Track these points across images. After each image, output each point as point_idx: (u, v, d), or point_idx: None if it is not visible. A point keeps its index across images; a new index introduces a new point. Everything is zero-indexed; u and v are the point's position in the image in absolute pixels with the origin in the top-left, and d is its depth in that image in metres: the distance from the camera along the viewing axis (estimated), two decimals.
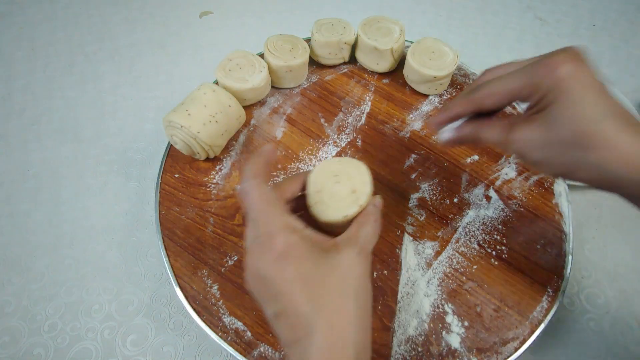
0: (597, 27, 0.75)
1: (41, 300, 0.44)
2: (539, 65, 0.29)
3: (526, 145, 0.30)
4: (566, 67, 0.28)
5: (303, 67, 0.51)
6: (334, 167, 0.35)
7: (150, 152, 0.55)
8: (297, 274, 0.25)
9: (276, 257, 0.26)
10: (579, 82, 0.28)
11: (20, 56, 0.66)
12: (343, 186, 0.33)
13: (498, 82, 0.31)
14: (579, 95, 0.27)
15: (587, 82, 0.28)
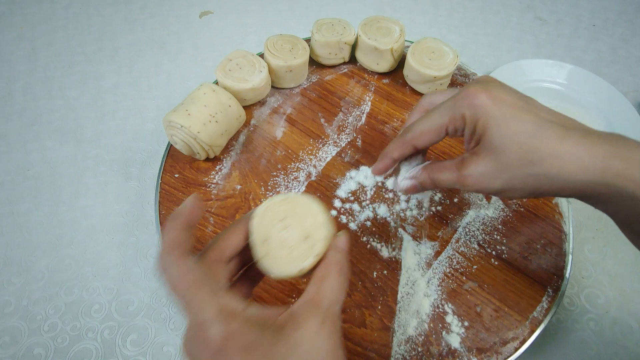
0: (597, 27, 0.75)
1: (41, 300, 0.44)
2: (458, 99, 0.30)
3: (481, 179, 0.30)
4: (483, 95, 0.29)
5: (303, 67, 0.51)
6: (279, 209, 0.29)
7: (150, 152, 0.55)
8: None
9: (213, 353, 0.21)
10: (500, 105, 0.28)
11: (20, 56, 0.66)
12: (293, 231, 0.28)
13: (426, 121, 0.32)
14: (505, 117, 0.28)
15: (509, 102, 0.28)
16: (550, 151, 0.27)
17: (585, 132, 0.28)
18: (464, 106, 0.29)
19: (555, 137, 0.27)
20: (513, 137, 0.28)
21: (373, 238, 0.41)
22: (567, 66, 0.64)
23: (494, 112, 0.28)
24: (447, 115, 0.31)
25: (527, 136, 0.27)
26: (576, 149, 0.27)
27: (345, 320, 0.37)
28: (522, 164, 0.28)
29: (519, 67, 0.64)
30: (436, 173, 0.32)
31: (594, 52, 0.71)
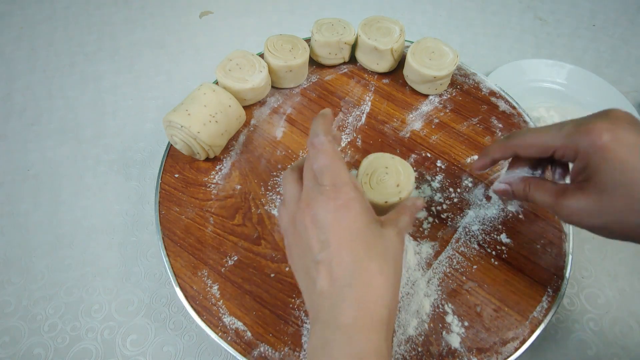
0: (597, 27, 0.75)
1: (41, 300, 0.44)
2: (580, 131, 0.29)
3: (579, 214, 0.30)
4: (607, 135, 0.28)
5: (303, 67, 0.51)
6: (387, 161, 0.41)
7: (150, 152, 0.55)
8: (352, 227, 0.27)
9: (339, 206, 0.27)
10: (622, 149, 0.27)
11: (20, 56, 0.66)
12: (390, 178, 0.40)
13: (535, 134, 0.32)
14: (625, 163, 0.27)
15: (632, 148, 0.27)
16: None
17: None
18: (583, 141, 0.29)
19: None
20: (628, 187, 0.27)
21: None
22: (567, 66, 0.64)
23: (613, 157, 0.27)
24: (561, 141, 0.30)
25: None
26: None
27: None
28: (630, 212, 0.27)
29: (519, 67, 0.64)
30: (533, 189, 0.33)
31: (594, 52, 0.71)
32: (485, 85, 0.54)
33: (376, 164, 0.40)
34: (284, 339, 0.36)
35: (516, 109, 0.52)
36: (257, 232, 0.42)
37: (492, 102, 0.53)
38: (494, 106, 0.52)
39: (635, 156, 0.27)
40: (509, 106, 0.52)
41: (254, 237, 0.41)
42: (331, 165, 0.28)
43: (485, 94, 0.54)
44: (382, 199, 0.38)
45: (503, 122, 0.51)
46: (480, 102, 0.53)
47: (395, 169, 0.40)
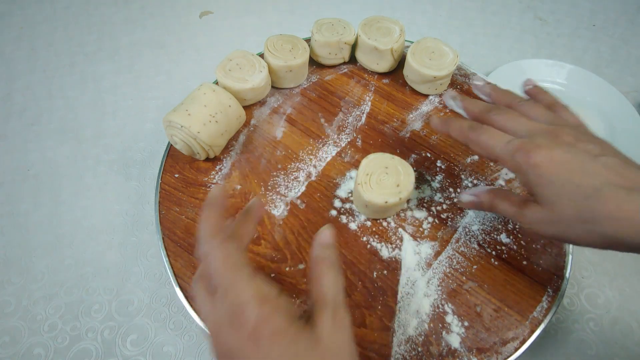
0: (597, 27, 0.75)
1: (41, 300, 0.44)
2: (519, 150, 0.31)
3: (537, 223, 0.31)
4: (541, 154, 0.30)
5: (303, 67, 0.51)
6: (386, 161, 0.41)
7: (150, 152, 0.55)
8: (274, 356, 0.23)
9: (249, 334, 0.23)
10: (557, 167, 0.29)
11: (20, 56, 0.66)
12: (390, 178, 0.40)
13: (489, 137, 0.33)
14: (560, 179, 0.29)
15: (567, 165, 0.29)
16: (607, 214, 0.27)
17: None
18: (521, 159, 0.30)
19: (614, 201, 0.27)
20: (568, 198, 0.29)
21: (373, 238, 0.41)
22: (567, 66, 0.64)
23: (548, 174, 0.29)
24: (504, 154, 0.32)
25: (582, 198, 0.28)
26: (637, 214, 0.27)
27: None
28: (578, 221, 0.29)
29: (519, 67, 0.64)
30: (499, 200, 0.34)
31: (594, 52, 0.71)
32: None
33: (376, 164, 0.41)
34: None
35: None
36: (257, 232, 0.42)
37: None
38: None
39: (569, 172, 0.29)
40: None
41: (254, 237, 0.41)
42: (227, 280, 0.24)
43: None
44: (382, 199, 0.39)
45: None
46: None
47: (395, 169, 0.40)
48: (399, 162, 0.41)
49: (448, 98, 0.39)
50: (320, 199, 0.44)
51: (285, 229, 0.42)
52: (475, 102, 0.37)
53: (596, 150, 0.30)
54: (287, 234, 0.42)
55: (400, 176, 0.40)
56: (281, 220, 0.42)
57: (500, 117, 0.34)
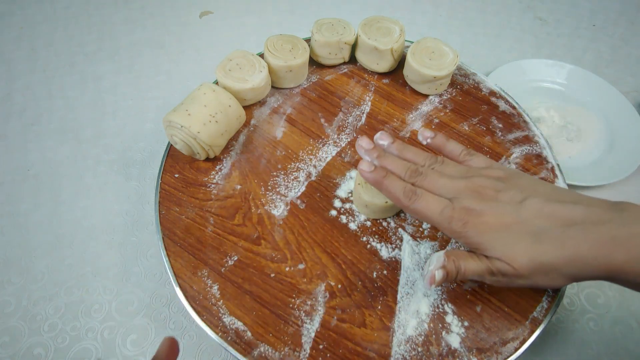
0: (597, 27, 0.75)
1: (41, 300, 0.44)
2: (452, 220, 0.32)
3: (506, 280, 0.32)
4: (474, 221, 0.32)
5: (303, 67, 0.51)
6: None
7: (150, 152, 0.55)
8: None
9: None
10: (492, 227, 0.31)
11: (20, 56, 0.66)
12: None
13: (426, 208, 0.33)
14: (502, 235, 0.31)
15: (499, 222, 0.31)
16: (555, 256, 0.30)
17: (585, 226, 0.30)
18: (458, 228, 0.32)
19: (554, 242, 0.30)
20: (517, 250, 0.31)
21: (373, 238, 0.41)
22: (567, 66, 0.64)
23: (489, 236, 0.31)
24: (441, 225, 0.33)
25: (529, 245, 0.30)
26: (577, 250, 0.29)
27: (345, 320, 0.37)
28: (536, 269, 0.31)
29: (519, 67, 0.64)
30: (463, 262, 0.33)
31: (594, 52, 0.71)
32: (485, 85, 0.55)
33: None
34: (284, 339, 0.36)
35: (516, 109, 0.52)
36: (257, 232, 0.42)
37: (492, 102, 0.53)
38: (494, 106, 0.53)
39: (502, 229, 0.31)
40: (509, 106, 0.52)
41: (254, 237, 0.41)
42: None
43: (486, 94, 0.54)
44: (382, 199, 0.39)
45: (503, 122, 0.51)
46: (480, 102, 0.53)
47: None
48: None
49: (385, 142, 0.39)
50: (320, 199, 0.44)
51: (285, 229, 0.42)
52: (398, 164, 0.36)
53: (517, 196, 0.32)
54: (287, 234, 0.42)
55: None
56: (281, 220, 0.42)
57: (426, 181, 0.35)
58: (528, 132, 0.50)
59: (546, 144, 0.49)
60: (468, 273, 0.33)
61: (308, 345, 0.36)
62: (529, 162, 0.48)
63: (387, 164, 0.36)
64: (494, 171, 0.35)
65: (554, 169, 0.47)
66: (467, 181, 0.34)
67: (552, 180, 0.46)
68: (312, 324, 0.37)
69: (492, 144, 0.49)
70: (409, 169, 0.35)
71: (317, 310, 0.37)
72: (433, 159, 0.36)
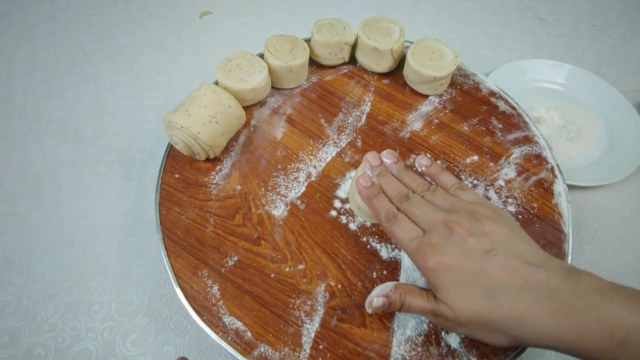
0: (597, 27, 0.75)
1: (41, 300, 0.44)
2: (418, 251, 0.33)
3: (447, 324, 0.33)
4: (432, 260, 0.31)
5: (303, 67, 0.51)
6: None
7: (150, 152, 0.55)
8: None
9: None
10: (448, 272, 0.31)
11: (20, 56, 0.66)
12: None
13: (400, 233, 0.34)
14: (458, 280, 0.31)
15: (457, 270, 0.31)
16: (503, 315, 0.29)
17: (542, 292, 0.29)
18: (420, 262, 0.32)
19: (507, 302, 0.29)
20: (468, 300, 0.30)
21: (373, 238, 0.42)
22: (567, 66, 0.64)
23: (445, 278, 0.31)
24: (409, 253, 0.33)
25: (480, 299, 0.30)
26: (528, 313, 0.29)
27: (345, 320, 0.37)
28: (481, 322, 0.30)
29: (519, 67, 0.64)
30: (410, 297, 0.33)
31: (594, 52, 0.71)
32: (485, 85, 0.55)
33: None
34: (284, 339, 0.36)
35: (516, 109, 0.52)
36: (257, 232, 0.42)
37: (492, 102, 0.53)
38: (494, 106, 0.53)
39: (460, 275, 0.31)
40: (509, 106, 0.53)
41: (254, 238, 0.41)
42: None
43: (485, 94, 0.54)
44: None
45: (503, 122, 0.51)
46: (480, 103, 0.53)
47: None
48: None
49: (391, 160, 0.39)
50: (320, 199, 0.44)
51: (285, 229, 0.42)
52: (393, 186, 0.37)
53: (487, 245, 0.31)
54: (287, 234, 0.42)
55: None
56: (281, 220, 0.42)
57: (410, 207, 0.35)
58: (528, 133, 0.50)
59: (546, 144, 0.49)
60: (412, 308, 0.33)
61: (308, 346, 0.36)
62: (528, 162, 0.48)
63: (383, 184, 0.38)
64: (479, 209, 0.34)
65: (554, 169, 0.47)
66: (445, 215, 0.33)
67: (551, 180, 0.46)
68: (312, 324, 0.37)
69: (491, 144, 0.49)
70: (400, 194, 0.36)
71: (317, 311, 0.37)
72: (426, 187, 0.37)
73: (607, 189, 0.53)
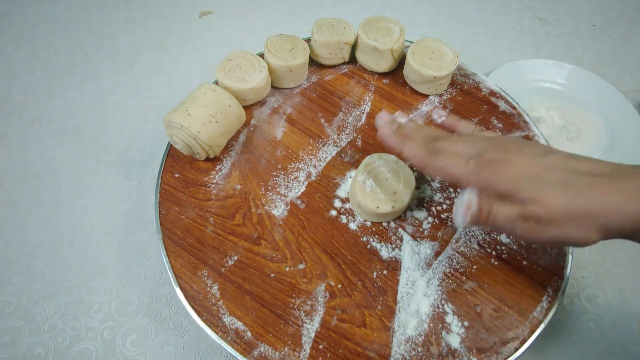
0: (597, 27, 0.75)
1: (41, 300, 0.44)
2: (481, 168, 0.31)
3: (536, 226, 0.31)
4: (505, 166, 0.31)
5: (303, 67, 0.51)
6: (393, 164, 0.42)
7: (150, 152, 0.55)
8: None
9: None
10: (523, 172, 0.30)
11: (20, 56, 0.66)
12: (390, 183, 0.40)
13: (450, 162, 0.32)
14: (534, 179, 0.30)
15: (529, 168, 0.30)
16: (586, 199, 0.29)
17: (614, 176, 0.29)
18: (488, 175, 0.31)
19: (585, 192, 0.29)
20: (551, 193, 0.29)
21: (373, 238, 0.42)
22: (567, 66, 0.64)
23: (521, 180, 0.30)
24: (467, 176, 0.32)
25: (562, 191, 0.29)
26: (611, 199, 0.28)
27: (345, 320, 0.37)
28: (570, 213, 0.29)
29: (519, 67, 0.64)
30: (497, 205, 0.31)
31: (594, 52, 0.71)
32: (485, 85, 0.55)
33: (379, 164, 0.41)
34: (284, 339, 0.36)
35: (516, 109, 0.52)
36: (257, 232, 0.42)
37: (492, 102, 0.53)
38: (494, 106, 0.53)
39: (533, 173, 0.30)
40: (509, 106, 0.53)
41: (254, 237, 0.41)
42: None
43: (485, 94, 0.54)
44: (373, 205, 0.39)
45: (503, 122, 0.51)
46: (480, 102, 0.53)
47: (398, 176, 0.41)
48: (402, 168, 0.41)
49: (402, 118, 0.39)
50: (320, 199, 0.44)
51: (285, 229, 0.42)
52: (418, 131, 0.36)
53: (540, 150, 0.31)
54: (287, 234, 0.42)
55: (399, 185, 0.40)
56: (281, 220, 0.42)
57: (447, 144, 0.34)
58: (528, 132, 0.50)
59: (546, 144, 0.49)
60: (499, 216, 0.31)
61: (308, 345, 0.36)
62: None
63: (408, 132, 0.36)
64: (509, 138, 0.34)
65: None
66: (488, 140, 0.33)
67: None
68: (312, 324, 0.37)
69: None
70: (429, 136, 0.35)
71: (317, 310, 0.37)
72: (450, 133, 0.36)
73: None
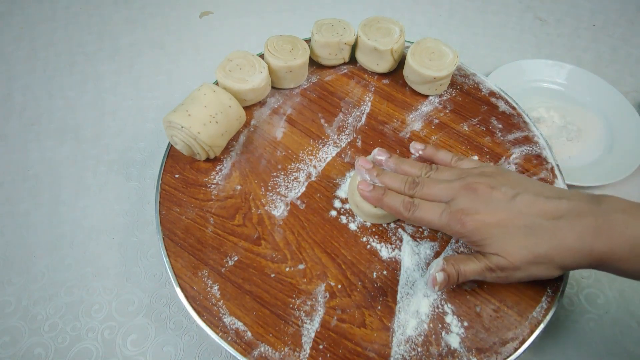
0: (597, 27, 0.75)
1: (41, 300, 0.44)
2: (451, 221, 0.35)
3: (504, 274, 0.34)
4: (472, 218, 0.34)
5: (303, 67, 0.51)
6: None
7: (150, 152, 0.55)
8: None
9: None
10: (489, 224, 0.34)
11: (20, 56, 0.66)
12: None
13: (427, 214, 0.36)
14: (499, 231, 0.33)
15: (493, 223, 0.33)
16: (547, 246, 0.32)
17: (571, 218, 0.32)
18: (458, 228, 0.34)
19: (545, 234, 0.32)
20: (514, 244, 0.33)
21: (373, 238, 0.42)
22: (567, 66, 0.64)
23: (487, 232, 0.33)
24: (442, 227, 0.35)
25: (523, 238, 0.33)
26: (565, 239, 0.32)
27: (345, 320, 0.37)
28: (533, 260, 0.33)
29: (519, 67, 0.64)
30: (463, 265, 0.35)
31: (594, 52, 0.71)
32: (485, 85, 0.55)
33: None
34: (284, 339, 0.36)
35: (516, 109, 0.52)
36: (257, 232, 0.42)
37: (492, 102, 0.53)
38: (494, 107, 0.53)
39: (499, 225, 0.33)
40: (509, 106, 0.53)
41: (254, 238, 0.41)
42: None
43: (485, 94, 0.54)
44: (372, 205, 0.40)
45: (503, 122, 0.51)
46: (480, 103, 0.53)
47: None
48: None
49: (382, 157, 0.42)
50: (320, 200, 0.44)
51: (285, 229, 0.42)
52: (396, 179, 0.39)
53: (509, 192, 0.34)
54: (287, 234, 0.42)
55: None
56: (281, 220, 0.42)
57: (424, 190, 0.37)
58: (528, 133, 0.50)
59: (546, 144, 0.49)
60: (468, 273, 0.35)
61: (308, 346, 0.36)
62: (528, 162, 0.48)
63: (386, 181, 0.39)
64: (485, 169, 0.37)
65: (554, 169, 0.47)
66: (462, 182, 0.36)
67: (551, 180, 0.46)
68: (312, 324, 0.37)
69: (491, 144, 0.49)
70: (407, 182, 0.38)
71: (317, 311, 0.37)
72: (428, 168, 0.39)
73: (607, 189, 0.53)
